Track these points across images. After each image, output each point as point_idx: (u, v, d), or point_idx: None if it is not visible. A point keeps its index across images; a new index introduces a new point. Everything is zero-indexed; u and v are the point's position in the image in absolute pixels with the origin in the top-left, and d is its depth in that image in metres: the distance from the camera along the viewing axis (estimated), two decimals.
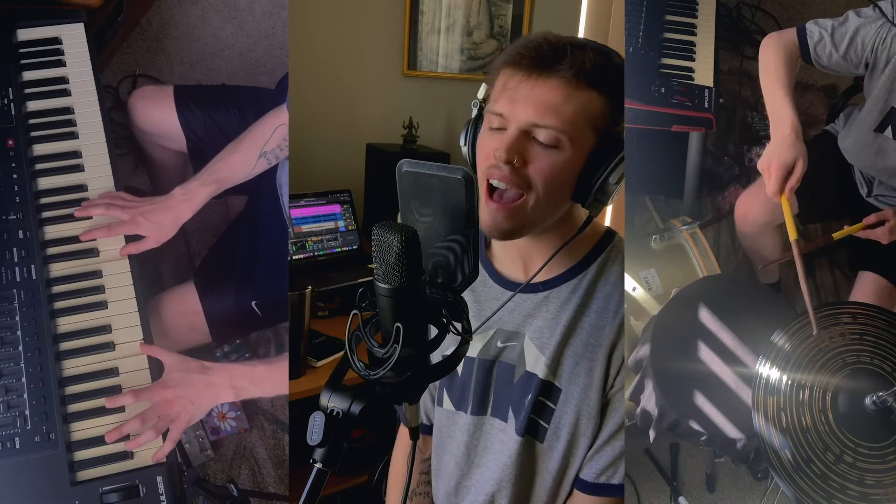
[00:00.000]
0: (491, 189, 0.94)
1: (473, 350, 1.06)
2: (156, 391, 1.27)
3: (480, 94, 1.01)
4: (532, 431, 1.02)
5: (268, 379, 1.36)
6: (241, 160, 1.49)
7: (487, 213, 0.94)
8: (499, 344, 1.05)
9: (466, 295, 0.77)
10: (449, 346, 0.75)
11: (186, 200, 1.43)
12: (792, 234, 1.39)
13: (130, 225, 1.39)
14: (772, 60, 1.53)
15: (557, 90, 0.92)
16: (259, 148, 1.49)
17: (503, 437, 1.05)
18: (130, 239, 1.40)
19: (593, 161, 0.94)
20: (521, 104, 0.92)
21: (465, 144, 1.02)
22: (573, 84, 0.92)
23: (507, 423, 1.04)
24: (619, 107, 0.97)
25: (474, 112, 1.01)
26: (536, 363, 1.01)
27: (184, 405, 1.27)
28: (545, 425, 1.02)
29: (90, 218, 1.41)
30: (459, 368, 1.09)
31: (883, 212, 1.49)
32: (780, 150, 1.41)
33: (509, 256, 1.06)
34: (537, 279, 1.02)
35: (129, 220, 1.39)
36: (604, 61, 0.94)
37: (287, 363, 1.39)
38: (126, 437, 1.24)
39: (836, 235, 1.51)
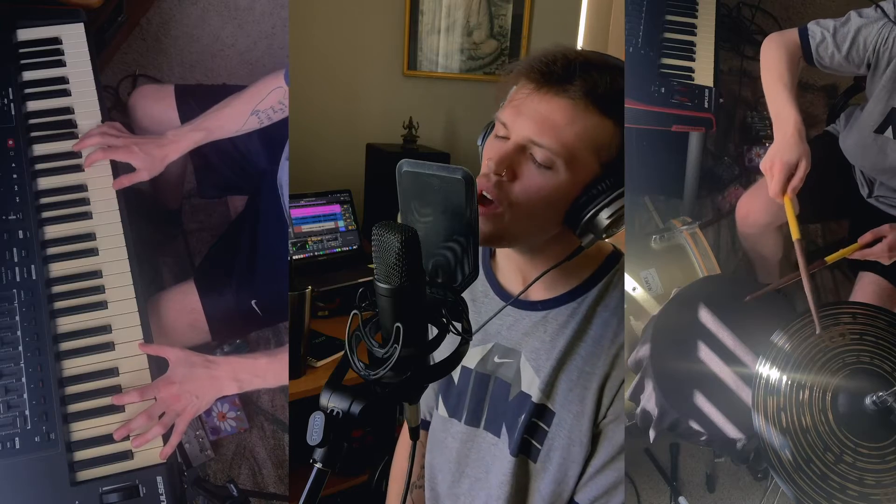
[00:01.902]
0: None
1: (472, 361, 1.05)
2: (161, 387, 1.27)
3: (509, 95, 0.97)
4: (525, 451, 1.01)
5: (270, 371, 1.37)
6: (233, 114, 1.54)
7: None
8: (496, 359, 1.03)
9: (468, 303, 0.77)
10: (447, 347, 0.75)
11: (175, 142, 1.51)
12: (795, 234, 1.38)
13: (124, 151, 1.46)
14: (774, 61, 1.53)
15: (562, 111, 0.87)
16: (253, 105, 1.53)
17: (495, 452, 1.03)
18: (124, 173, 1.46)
19: (589, 191, 0.89)
20: (524, 118, 0.89)
21: (480, 143, 0.99)
22: (581, 106, 0.87)
23: (499, 439, 1.03)
24: None
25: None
26: (531, 385, 0.99)
27: (189, 399, 1.28)
28: (538, 446, 1.00)
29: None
30: (456, 377, 1.08)
31: (878, 228, 1.43)
32: (783, 150, 1.40)
33: (510, 270, 1.03)
34: (536, 298, 0.99)
35: (123, 146, 1.47)
36: (622, 86, 0.89)
37: (287, 354, 1.39)
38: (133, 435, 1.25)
39: (830, 259, 1.44)
